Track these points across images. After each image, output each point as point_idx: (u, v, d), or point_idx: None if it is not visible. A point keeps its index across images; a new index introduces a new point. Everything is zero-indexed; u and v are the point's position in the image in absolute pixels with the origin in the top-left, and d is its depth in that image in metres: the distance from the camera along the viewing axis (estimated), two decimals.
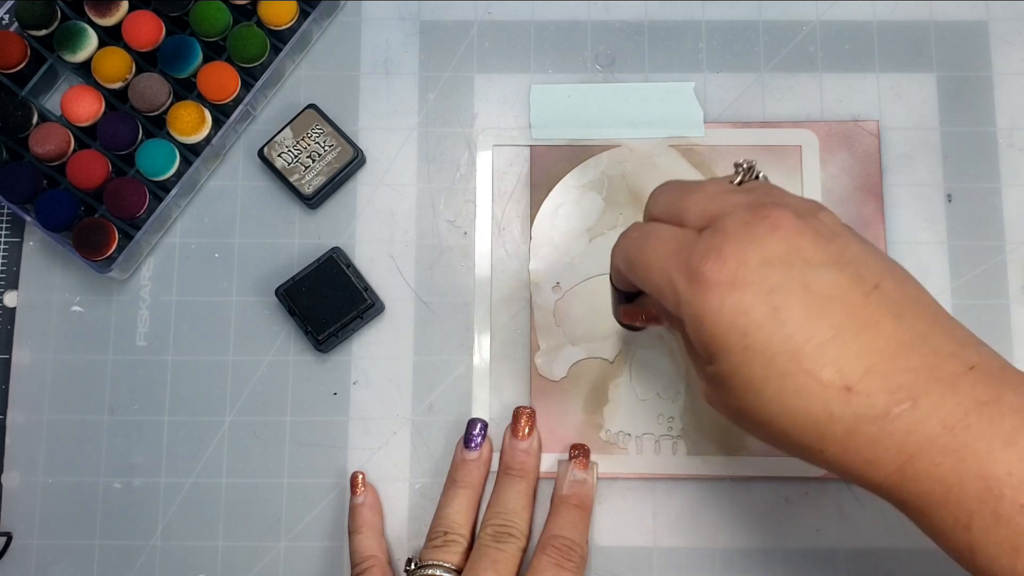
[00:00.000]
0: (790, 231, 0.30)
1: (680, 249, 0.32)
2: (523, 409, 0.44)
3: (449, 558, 0.41)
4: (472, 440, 0.44)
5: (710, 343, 0.30)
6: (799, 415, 0.29)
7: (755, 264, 0.30)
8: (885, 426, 0.28)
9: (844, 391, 0.29)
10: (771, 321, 0.29)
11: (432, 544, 0.41)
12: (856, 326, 0.29)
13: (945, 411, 0.28)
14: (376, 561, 0.42)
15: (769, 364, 0.29)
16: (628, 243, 0.35)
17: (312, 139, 0.46)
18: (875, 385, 0.28)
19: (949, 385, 0.28)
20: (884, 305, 0.30)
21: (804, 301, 0.29)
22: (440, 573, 0.40)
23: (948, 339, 0.30)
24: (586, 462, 0.43)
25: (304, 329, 0.45)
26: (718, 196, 0.33)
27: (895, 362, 0.29)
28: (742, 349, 0.30)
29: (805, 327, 0.29)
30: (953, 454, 0.28)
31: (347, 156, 0.46)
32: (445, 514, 0.42)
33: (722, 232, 0.31)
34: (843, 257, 0.30)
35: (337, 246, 0.46)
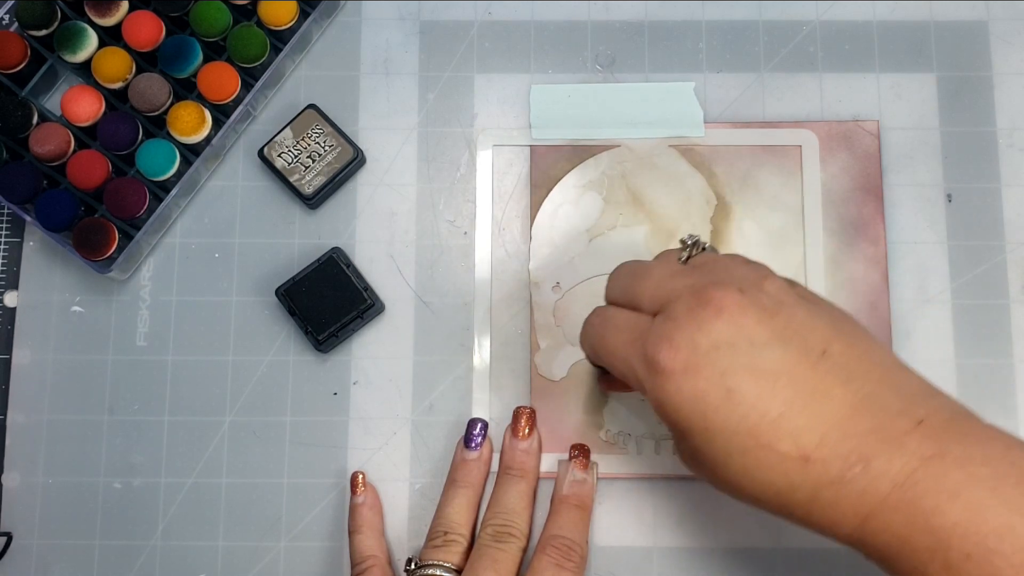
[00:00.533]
0: (734, 312, 0.32)
1: (636, 338, 0.34)
2: (523, 409, 0.44)
3: (449, 558, 0.40)
4: (472, 440, 0.44)
5: (674, 425, 0.33)
6: (764, 485, 0.31)
7: (705, 349, 0.31)
8: (841, 489, 0.30)
9: (802, 461, 0.30)
10: (726, 403, 0.31)
11: (432, 544, 0.41)
12: (806, 397, 0.31)
13: (894, 470, 0.29)
14: (376, 561, 0.42)
15: (729, 442, 0.31)
16: (591, 330, 0.38)
17: (312, 139, 0.46)
18: (829, 452, 0.30)
19: (897, 444, 0.30)
20: (832, 372, 0.31)
21: (754, 380, 0.31)
22: (440, 573, 0.40)
23: (897, 396, 0.31)
24: (586, 462, 0.43)
25: (304, 329, 0.45)
26: (666, 280, 0.35)
27: (846, 427, 0.30)
28: (704, 430, 0.32)
29: (758, 405, 0.31)
30: (903, 510, 0.29)
31: (347, 156, 0.46)
32: (445, 514, 0.42)
33: (672, 319, 0.33)
34: (788, 329, 0.32)
35: (337, 246, 0.46)
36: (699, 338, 0.32)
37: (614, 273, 0.39)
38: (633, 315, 0.35)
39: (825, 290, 0.46)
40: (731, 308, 0.32)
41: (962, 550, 0.28)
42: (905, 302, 0.46)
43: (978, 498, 0.28)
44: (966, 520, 0.28)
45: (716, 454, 0.32)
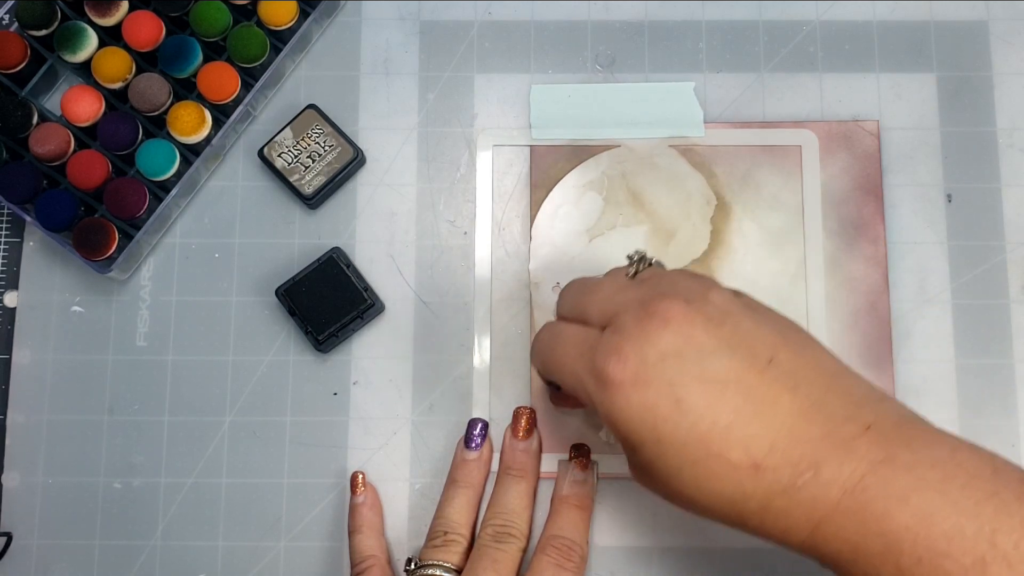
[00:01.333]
0: (680, 322, 0.32)
1: (585, 350, 0.34)
2: (523, 409, 0.44)
3: (449, 558, 0.41)
4: (472, 440, 0.44)
5: (626, 438, 0.33)
6: (716, 495, 0.31)
7: (653, 360, 0.32)
8: (793, 497, 0.30)
9: (753, 469, 0.30)
10: (676, 413, 0.31)
11: (432, 544, 0.41)
12: (755, 405, 0.31)
13: (844, 476, 0.30)
14: (376, 561, 0.42)
15: (681, 453, 0.31)
16: (541, 345, 0.38)
17: (312, 139, 0.46)
18: (779, 460, 0.30)
19: (846, 449, 0.30)
20: (780, 379, 0.31)
21: (702, 390, 0.31)
22: (440, 573, 0.40)
23: (844, 402, 0.31)
24: (586, 462, 0.43)
25: (304, 329, 0.45)
26: (614, 294, 0.35)
27: (795, 434, 0.30)
28: (655, 442, 0.32)
29: (708, 415, 0.31)
30: (855, 516, 0.29)
31: (347, 156, 0.46)
32: (445, 514, 0.42)
33: (620, 331, 0.33)
34: (735, 337, 0.32)
35: (337, 246, 0.46)
36: (647, 349, 0.32)
37: (565, 289, 0.39)
38: (582, 329, 0.35)
39: (825, 290, 0.46)
40: (678, 318, 0.32)
41: (913, 554, 0.28)
42: (905, 302, 0.46)
43: (927, 501, 0.28)
44: (916, 524, 0.28)
45: (667, 466, 0.32)
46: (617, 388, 0.32)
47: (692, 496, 0.32)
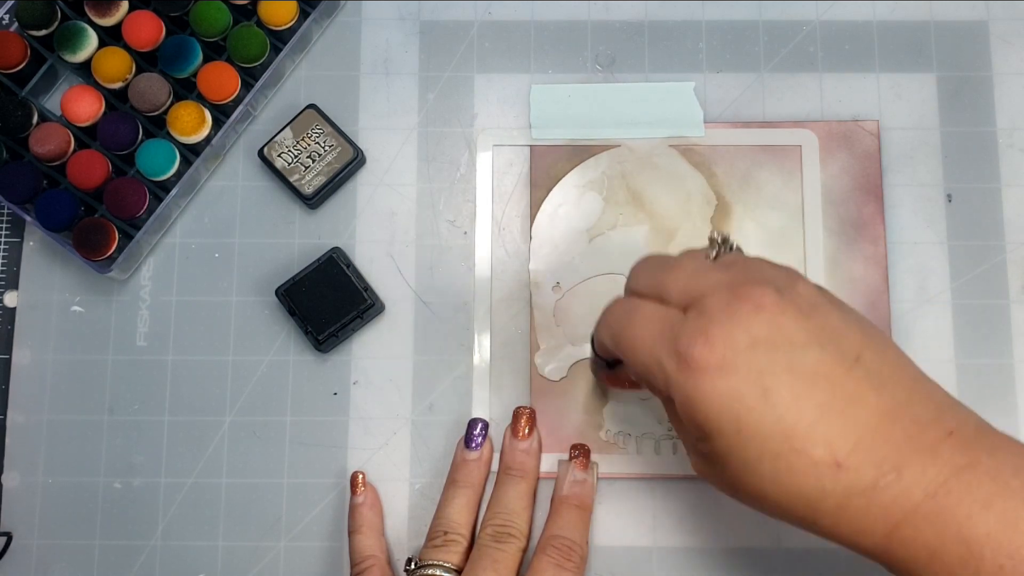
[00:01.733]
0: (773, 311, 0.31)
1: (666, 330, 0.32)
2: (523, 409, 0.44)
3: (449, 558, 0.41)
4: (473, 440, 0.44)
5: (703, 425, 0.31)
6: (792, 492, 0.30)
7: (742, 347, 0.30)
8: (873, 497, 0.30)
9: (834, 467, 0.30)
10: (762, 404, 0.30)
11: (432, 544, 0.41)
12: (841, 402, 0.30)
13: (927, 479, 0.29)
14: (376, 561, 0.42)
15: (762, 445, 0.30)
16: (613, 320, 0.36)
17: (312, 139, 0.46)
18: (862, 459, 0.30)
19: (930, 453, 0.29)
20: (866, 378, 0.31)
21: (791, 382, 0.30)
22: (440, 573, 0.40)
23: (927, 406, 0.31)
24: (586, 462, 0.43)
25: (304, 329, 0.45)
26: (698, 274, 0.34)
27: (879, 434, 0.30)
28: (735, 432, 0.30)
29: (794, 408, 0.30)
30: (936, 520, 0.29)
31: (347, 156, 0.46)
32: (445, 514, 0.42)
33: (707, 314, 0.31)
34: (824, 332, 0.31)
35: (337, 246, 0.46)
36: (737, 334, 0.31)
37: (639, 264, 0.37)
38: (661, 308, 0.34)
39: None
40: (769, 306, 0.31)
41: (995, 561, 0.28)
42: (905, 302, 0.46)
43: (1011, 509, 0.28)
44: (999, 531, 0.28)
45: (746, 458, 0.31)
46: (702, 372, 0.31)
47: (766, 491, 0.31)
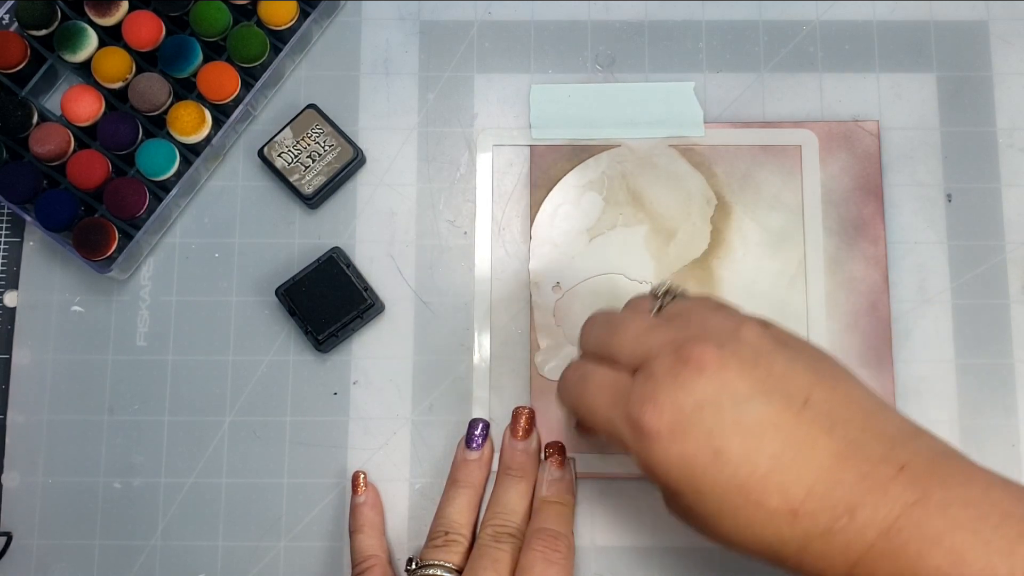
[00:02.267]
0: (715, 368, 0.32)
1: (617, 397, 0.34)
2: (522, 409, 0.44)
3: (450, 558, 0.41)
4: (474, 440, 0.44)
5: (664, 486, 0.33)
6: (754, 541, 0.32)
7: (689, 409, 0.32)
8: (830, 540, 0.30)
9: (791, 515, 0.31)
10: (714, 463, 0.31)
11: (433, 544, 0.41)
12: (792, 449, 0.31)
13: (879, 518, 0.30)
14: (377, 561, 0.42)
15: (720, 501, 0.31)
16: (571, 385, 0.38)
17: (312, 139, 0.46)
18: (817, 505, 0.30)
19: (881, 492, 0.30)
20: (816, 420, 0.31)
21: (740, 438, 0.31)
22: (441, 573, 0.40)
23: (879, 441, 0.31)
24: (561, 459, 0.43)
25: (304, 329, 0.45)
26: (641, 336, 0.35)
27: (832, 476, 0.31)
28: (693, 491, 0.32)
29: (746, 462, 0.31)
30: (889, 558, 0.29)
31: (347, 156, 0.46)
32: (446, 514, 0.42)
33: (652, 380, 0.33)
34: (769, 380, 0.32)
35: (337, 246, 0.46)
36: (682, 398, 0.32)
37: (587, 324, 0.39)
38: (611, 373, 0.35)
39: (825, 290, 0.46)
40: (711, 364, 0.32)
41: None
42: (905, 302, 0.46)
43: (960, 542, 0.29)
44: (948, 564, 0.29)
45: (707, 512, 0.32)
46: (654, 438, 0.32)
47: (732, 540, 0.32)
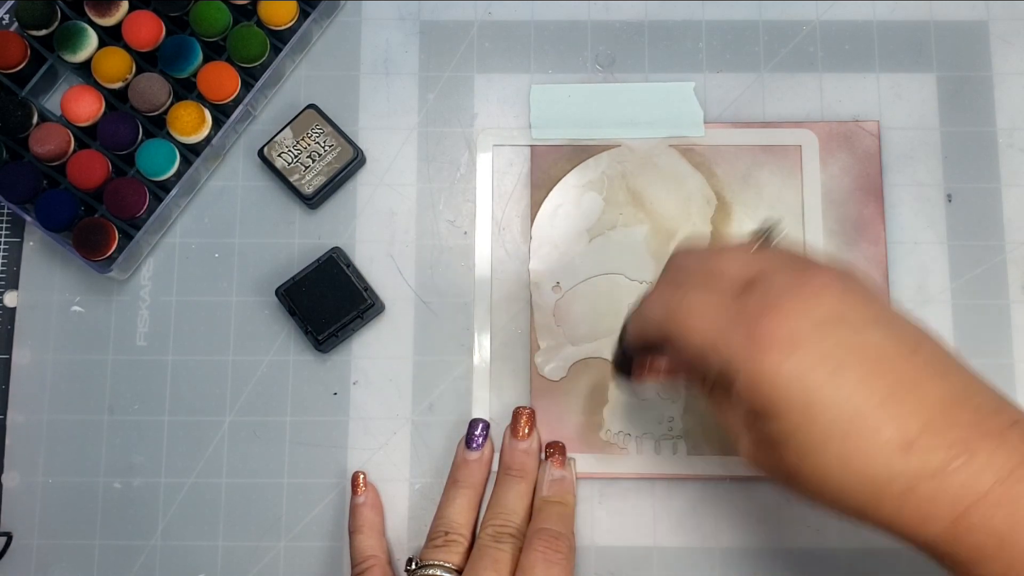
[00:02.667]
0: (838, 291, 0.31)
1: (726, 310, 0.32)
2: (523, 409, 0.44)
3: (450, 558, 0.41)
4: (474, 440, 0.44)
5: (768, 404, 0.30)
6: (858, 475, 0.29)
7: (811, 323, 0.30)
8: (943, 481, 0.29)
9: (904, 448, 0.29)
10: (831, 382, 0.29)
11: (433, 544, 0.41)
12: (907, 385, 0.30)
13: (997, 464, 0.28)
14: (377, 561, 0.42)
15: (830, 425, 0.29)
16: (659, 305, 0.35)
17: (312, 139, 0.46)
18: (933, 441, 0.29)
19: (998, 439, 0.29)
20: (927, 365, 0.30)
21: (859, 362, 0.30)
22: (441, 573, 0.40)
23: (989, 396, 0.31)
24: (562, 459, 0.43)
25: (304, 329, 0.45)
26: (754, 259, 0.33)
27: (948, 418, 0.29)
28: (803, 410, 0.30)
29: (862, 388, 0.29)
30: (1006, 506, 0.28)
31: (347, 156, 0.46)
32: (446, 514, 0.42)
33: (775, 290, 0.31)
34: (884, 317, 0.31)
35: (337, 246, 0.46)
36: (806, 310, 0.30)
37: (680, 254, 0.36)
38: (713, 294, 0.33)
39: None
40: (835, 286, 0.31)
41: None
42: (905, 302, 0.46)
43: None
44: None
45: (811, 439, 0.30)
46: (770, 347, 0.30)
47: (830, 474, 0.30)
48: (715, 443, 0.45)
